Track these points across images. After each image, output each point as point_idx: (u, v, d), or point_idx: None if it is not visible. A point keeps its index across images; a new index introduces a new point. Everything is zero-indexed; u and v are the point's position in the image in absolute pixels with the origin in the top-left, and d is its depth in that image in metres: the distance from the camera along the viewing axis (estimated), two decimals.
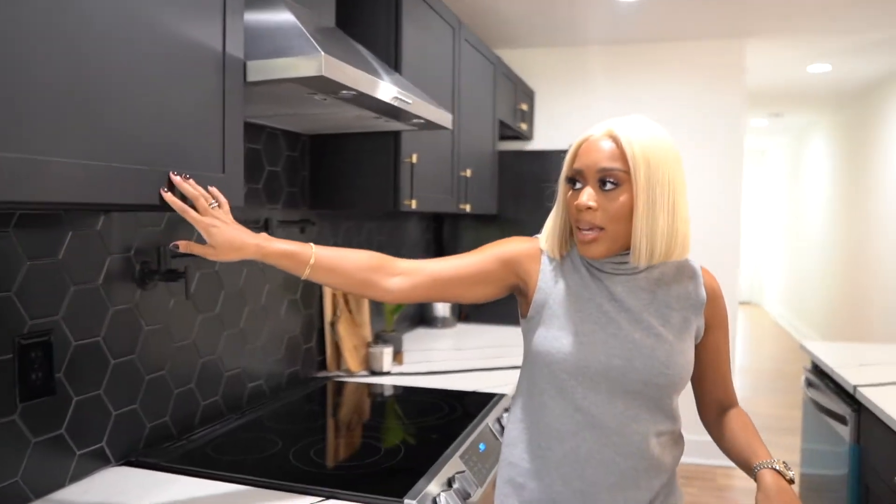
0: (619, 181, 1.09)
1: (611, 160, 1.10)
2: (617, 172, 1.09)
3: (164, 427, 1.55)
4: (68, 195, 0.87)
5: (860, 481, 2.04)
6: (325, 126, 1.92)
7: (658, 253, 1.11)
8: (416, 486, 1.27)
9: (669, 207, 1.10)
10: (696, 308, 1.20)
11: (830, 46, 3.97)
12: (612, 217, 1.10)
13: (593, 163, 1.11)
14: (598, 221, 1.11)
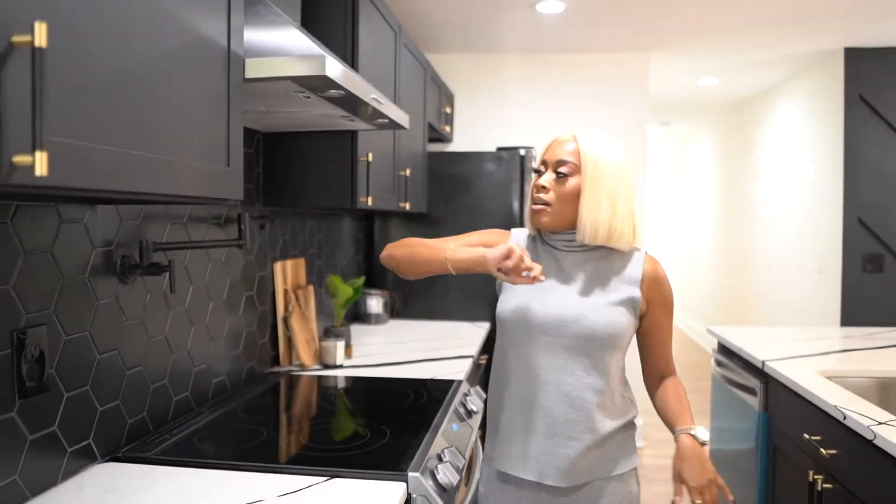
0: (570, 172, 1.40)
1: (568, 155, 1.41)
2: (570, 164, 1.40)
3: (143, 423, 1.54)
4: (126, 184, 0.90)
5: (769, 443, 2.32)
6: (287, 124, 1.96)
7: (600, 235, 1.39)
8: (415, 461, 1.36)
9: (611, 201, 1.39)
10: (632, 283, 1.43)
11: (718, 63, 4.38)
12: (560, 197, 1.41)
13: (554, 155, 1.42)
14: (548, 199, 1.41)
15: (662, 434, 4.48)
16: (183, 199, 1.12)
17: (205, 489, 1.25)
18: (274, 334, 2.28)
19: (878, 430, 1.59)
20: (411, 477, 1.30)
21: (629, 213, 1.42)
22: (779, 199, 5.18)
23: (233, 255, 1.99)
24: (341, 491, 1.24)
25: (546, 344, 1.40)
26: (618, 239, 1.40)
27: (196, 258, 1.78)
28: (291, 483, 1.28)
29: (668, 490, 3.56)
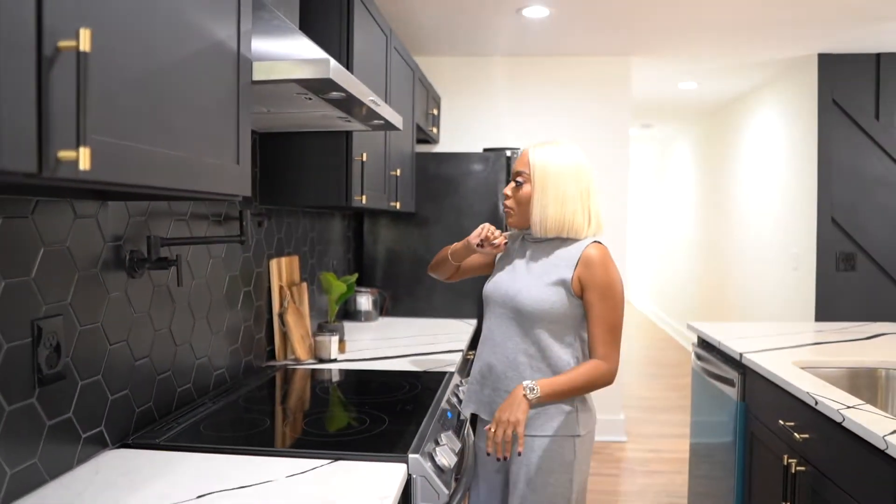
0: (524, 180, 1.71)
1: (522, 166, 1.72)
2: (524, 174, 1.71)
3: (149, 412, 1.60)
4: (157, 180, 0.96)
5: (746, 431, 2.42)
6: (285, 124, 2.02)
7: (550, 229, 1.68)
8: (414, 444, 1.43)
9: (559, 201, 1.66)
10: (569, 266, 1.66)
11: (699, 67, 4.51)
12: (518, 202, 1.73)
13: (515, 167, 1.74)
14: (510, 204, 1.74)
15: (646, 428, 4.59)
16: (199, 194, 1.18)
17: (218, 472, 1.31)
18: (270, 329, 2.34)
19: (847, 413, 1.69)
20: (411, 458, 1.37)
21: (582, 208, 1.69)
22: (756, 199, 5.32)
23: (232, 251, 2.05)
24: (345, 471, 1.31)
25: (499, 315, 1.72)
26: (569, 230, 1.68)
27: (198, 254, 1.84)
28: (297, 465, 1.34)
29: (652, 482, 3.66)
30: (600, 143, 4.29)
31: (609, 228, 4.29)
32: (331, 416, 1.70)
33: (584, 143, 4.29)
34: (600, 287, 1.63)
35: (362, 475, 1.30)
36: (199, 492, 1.22)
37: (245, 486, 1.24)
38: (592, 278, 1.63)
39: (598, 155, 4.29)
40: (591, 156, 4.30)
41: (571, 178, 1.67)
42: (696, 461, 3.02)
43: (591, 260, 1.64)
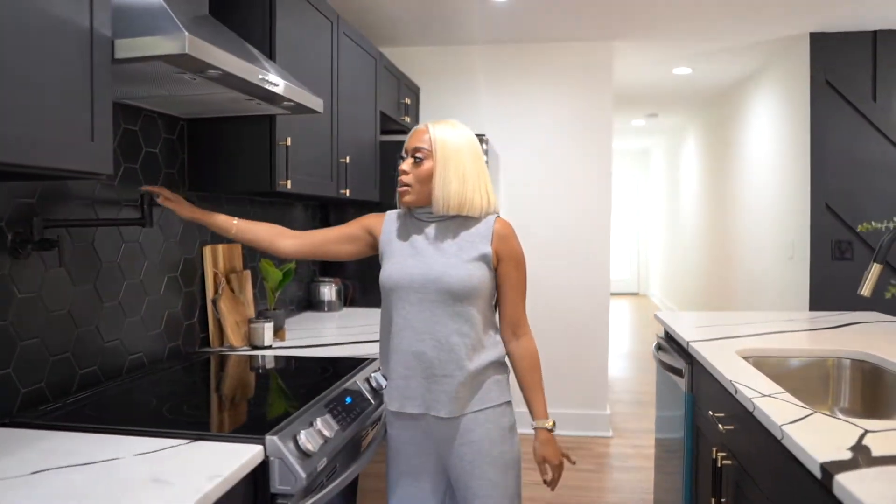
0: (424, 156, 1.67)
1: (422, 142, 1.68)
2: (424, 150, 1.67)
3: (40, 392, 1.61)
4: None
5: (693, 425, 2.34)
6: (203, 109, 2.02)
7: (452, 206, 1.67)
8: (279, 426, 1.41)
9: (459, 178, 1.66)
10: (484, 241, 1.69)
11: (689, 51, 4.38)
12: (417, 178, 1.68)
13: (412, 144, 1.69)
14: (408, 181, 1.69)
15: (634, 423, 4.49)
16: (41, 170, 1.18)
17: (70, 449, 1.30)
18: (204, 316, 2.34)
19: (760, 402, 1.60)
20: (269, 440, 1.35)
21: (480, 185, 1.70)
22: (754, 187, 5.16)
23: (152, 238, 2.05)
24: (198, 451, 1.30)
25: (418, 300, 1.66)
26: (469, 208, 1.68)
27: (106, 239, 1.85)
28: (153, 444, 1.33)
29: (627, 477, 3.58)
30: (582, 133, 4.21)
31: (591, 217, 4.22)
32: (217, 398, 1.69)
33: (566, 133, 4.21)
34: (515, 258, 1.72)
35: (213, 455, 1.28)
36: (37, 468, 1.21)
37: (86, 462, 1.23)
38: (508, 250, 1.71)
39: (580, 144, 4.21)
40: (572, 145, 4.23)
41: (470, 157, 1.69)
42: (660, 456, 2.94)
43: (506, 235, 1.71)
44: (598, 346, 4.28)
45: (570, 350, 4.29)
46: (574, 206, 4.24)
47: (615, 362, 6.50)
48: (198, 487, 1.12)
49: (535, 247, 4.27)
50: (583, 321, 4.27)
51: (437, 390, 1.65)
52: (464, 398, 1.66)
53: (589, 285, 4.26)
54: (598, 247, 4.25)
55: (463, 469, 1.68)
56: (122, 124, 1.91)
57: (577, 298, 4.27)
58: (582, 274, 4.26)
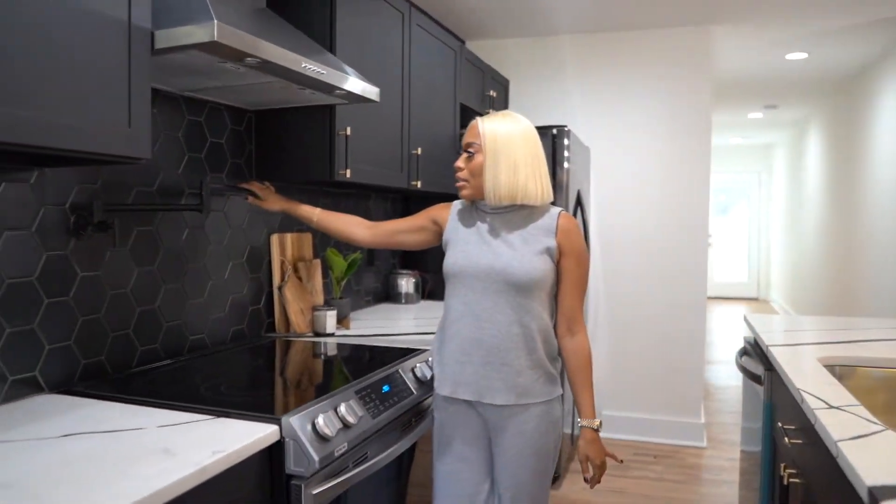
0: (476, 150, 1.72)
1: (473, 137, 1.73)
2: (475, 144, 1.72)
3: (100, 364, 1.73)
4: None
5: (771, 436, 2.14)
6: (264, 100, 2.09)
7: (504, 197, 1.69)
8: (299, 408, 1.42)
9: (511, 168, 1.68)
10: (548, 233, 1.71)
11: (803, 33, 4.03)
12: (471, 172, 1.73)
13: (465, 139, 1.75)
14: (464, 176, 1.75)
15: (734, 435, 4.20)
16: (84, 154, 1.26)
17: (104, 417, 1.39)
18: (270, 302, 2.42)
19: (823, 414, 1.44)
20: (285, 421, 1.36)
21: (534, 173, 1.71)
22: (887, 185, 4.66)
23: (216, 225, 2.15)
24: (215, 427, 1.34)
25: (481, 288, 1.70)
26: (523, 196, 1.69)
27: (169, 224, 1.95)
28: (178, 418, 1.39)
29: (714, 492, 3.35)
30: (678, 124, 3.98)
31: (686, 215, 3.98)
32: (257, 379, 1.73)
33: (659, 125, 4.00)
34: (577, 253, 1.73)
35: (227, 432, 1.31)
36: (68, 431, 1.30)
37: (113, 430, 1.31)
38: (571, 245, 1.72)
39: (674, 137, 3.98)
40: (667, 138, 4.01)
41: (522, 145, 1.70)
42: (747, 471, 2.72)
43: (568, 228, 1.72)
44: (693, 352, 4.03)
45: (663, 355, 4.08)
46: (668, 204, 4.02)
47: (721, 370, 6.12)
48: (198, 461, 1.15)
49: (624, 245, 4.10)
50: (677, 325, 4.04)
51: (493, 378, 1.68)
52: (519, 388, 1.68)
53: (684, 288, 4.02)
54: (694, 247, 4.00)
55: (509, 457, 1.71)
56: (186, 116, 2.01)
57: (672, 301, 4.04)
58: (677, 275, 4.03)
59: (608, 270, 4.13)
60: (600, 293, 4.14)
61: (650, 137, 4.04)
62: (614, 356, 4.15)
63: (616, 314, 4.15)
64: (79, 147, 1.24)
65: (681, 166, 4.00)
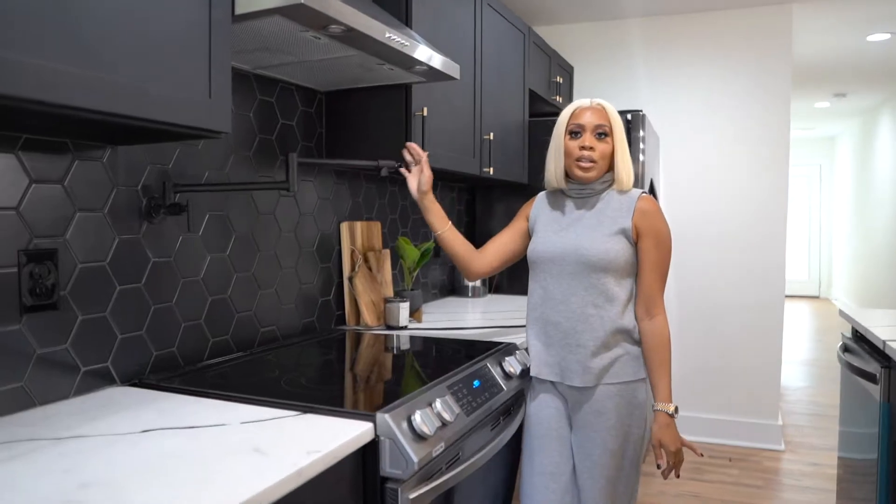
0: (607, 133, 1.72)
1: (602, 120, 1.72)
2: (605, 127, 1.72)
3: (171, 356, 1.63)
4: (51, 96, 0.94)
5: (890, 440, 1.94)
6: (337, 78, 1.97)
7: (629, 181, 1.75)
8: (393, 404, 1.29)
9: (627, 154, 1.75)
10: (626, 215, 1.71)
11: (890, 9, 3.76)
12: (601, 155, 1.72)
13: (591, 121, 1.71)
14: (595, 157, 1.72)
15: (812, 439, 3.95)
16: (156, 124, 1.16)
17: (184, 412, 1.28)
18: (340, 294, 2.31)
19: None
20: (379, 418, 1.23)
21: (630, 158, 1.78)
22: None
23: (287, 211, 2.04)
24: (303, 425, 1.21)
25: (557, 272, 1.73)
26: (628, 181, 1.75)
27: (240, 210, 1.85)
28: (262, 413, 1.27)
29: (800, 499, 3.13)
30: (754, 111, 3.75)
31: (764, 208, 3.75)
32: (338, 372, 1.61)
33: (734, 112, 3.78)
34: (656, 234, 1.70)
35: (317, 429, 1.19)
36: (147, 426, 1.19)
37: (193, 426, 1.19)
38: (650, 226, 1.70)
39: (750, 124, 3.76)
40: (742, 126, 3.78)
41: (624, 130, 1.76)
42: (844, 479, 2.51)
43: (647, 209, 1.71)
44: (770, 351, 3.80)
45: (739, 353, 3.85)
46: (745, 195, 3.80)
47: (789, 370, 5.83)
48: (295, 461, 1.03)
49: (697, 238, 3.89)
50: (753, 322, 3.82)
51: (571, 359, 1.70)
52: (597, 369, 1.69)
53: (761, 284, 3.80)
54: (772, 241, 3.77)
55: (588, 437, 1.71)
56: (258, 95, 1.90)
57: (747, 298, 3.82)
58: (753, 271, 3.81)
59: (678, 265, 3.93)
60: (670, 288, 3.93)
61: (724, 125, 3.82)
62: (685, 353, 3.95)
63: (687, 310, 3.94)
64: (162, 117, 1.14)
65: (757, 156, 3.77)
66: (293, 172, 1.58)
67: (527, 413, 1.85)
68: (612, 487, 1.73)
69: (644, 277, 1.72)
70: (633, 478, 1.77)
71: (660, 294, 1.72)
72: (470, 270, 1.90)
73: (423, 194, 1.85)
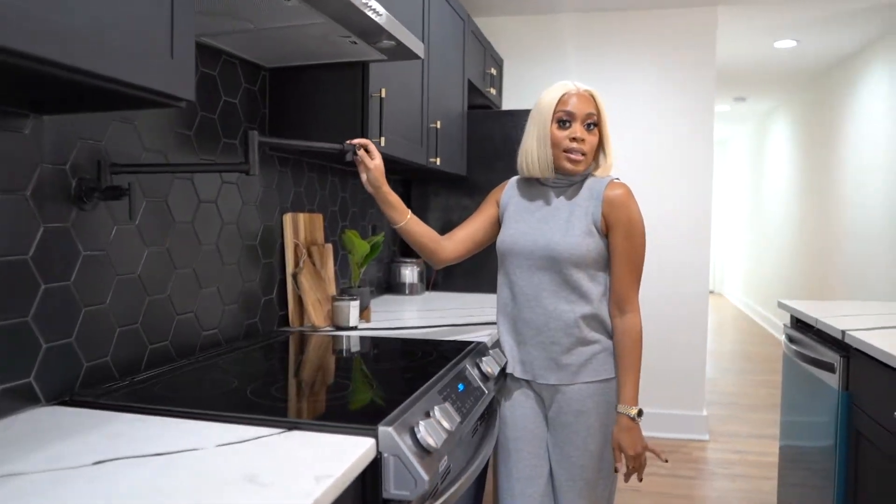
0: (595, 123, 1.62)
1: (591, 108, 1.61)
2: (594, 116, 1.62)
3: (104, 367, 1.38)
4: None
5: (850, 428, 1.97)
6: (290, 52, 1.77)
7: (608, 168, 1.68)
8: (392, 415, 1.13)
9: (610, 143, 1.67)
10: (595, 206, 1.61)
11: (798, 18, 3.95)
12: (591, 146, 1.63)
13: (581, 109, 1.60)
14: (585, 149, 1.61)
15: (731, 427, 4.09)
16: (109, 82, 0.93)
17: (140, 435, 1.06)
18: (283, 292, 2.10)
19: None
20: (382, 432, 1.07)
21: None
22: (872, 174, 4.66)
23: (229, 198, 1.81)
24: (295, 443, 1.03)
25: (527, 266, 1.65)
26: (609, 169, 1.68)
27: (180, 197, 1.62)
28: (239, 433, 1.07)
29: (735, 487, 3.20)
30: (680, 110, 3.83)
31: (690, 206, 3.84)
32: (308, 380, 1.43)
33: (662, 111, 3.84)
34: (625, 225, 1.61)
35: (313, 449, 1.01)
36: (101, 456, 0.97)
37: (159, 453, 0.98)
38: (618, 217, 1.61)
39: (678, 123, 3.83)
40: (669, 124, 3.85)
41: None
42: (787, 466, 2.56)
43: (615, 198, 1.61)
44: (695, 344, 3.89)
45: (666, 347, 3.92)
46: (672, 194, 3.87)
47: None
48: (306, 491, 0.85)
49: None
50: (680, 316, 3.90)
51: (545, 357, 1.64)
52: (573, 366, 1.63)
53: (686, 279, 3.88)
54: (697, 236, 3.86)
55: (566, 438, 1.64)
56: (199, 67, 1.67)
57: (673, 293, 3.89)
58: (679, 266, 3.88)
59: None
60: None
61: (649, 122, 3.87)
62: None
63: None
64: (122, 75, 0.92)
65: (682, 153, 3.85)
66: (254, 152, 1.37)
67: (500, 414, 1.76)
68: (591, 490, 1.65)
69: (614, 271, 1.63)
70: (611, 479, 1.69)
71: (632, 289, 1.63)
72: (438, 259, 1.77)
73: (376, 188, 1.67)
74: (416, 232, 1.72)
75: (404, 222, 1.71)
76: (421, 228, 1.73)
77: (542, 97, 1.64)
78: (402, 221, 1.70)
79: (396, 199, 1.70)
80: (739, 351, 6.51)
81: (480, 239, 1.79)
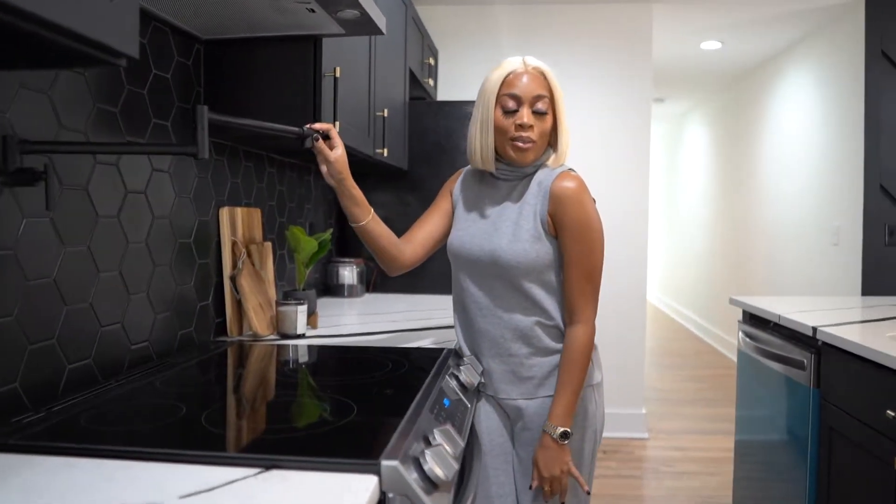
0: (546, 108, 1.43)
1: (542, 90, 1.43)
2: (545, 99, 1.43)
3: (13, 395, 1.11)
4: None
5: (821, 424, 1.93)
6: (233, 21, 1.53)
7: (563, 157, 1.49)
8: (392, 444, 0.94)
9: (565, 128, 1.48)
10: (541, 204, 1.44)
11: (723, 21, 4.01)
12: (541, 133, 1.44)
13: (529, 91, 1.42)
14: (534, 136, 1.42)
15: (668, 424, 4.11)
16: (35, 23, 0.69)
17: (73, 485, 0.82)
18: (220, 297, 1.85)
19: None
20: (386, 467, 0.88)
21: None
22: (789, 171, 4.82)
23: (160, 188, 1.55)
24: (276, 488, 0.82)
25: (479, 274, 1.50)
26: (564, 158, 1.49)
27: (105, 184, 1.35)
28: (206, 478, 0.85)
29: (682, 485, 3.18)
30: (617, 106, 3.80)
31: (627, 203, 3.81)
32: (276, 404, 1.21)
33: (599, 106, 3.80)
34: (575, 224, 1.42)
35: (305, 494, 0.81)
36: None
37: None
38: (565, 216, 1.42)
39: (614, 119, 3.80)
40: (609, 117, 3.82)
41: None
42: (743, 462, 2.54)
43: (562, 194, 1.42)
44: (634, 341, 3.88)
45: (605, 344, 3.88)
46: (609, 191, 3.83)
47: None
48: None
49: None
50: (619, 313, 3.87)
51: (504, 370, 1.50)
52: (534, 381, 1.49)
53: (625, 278, 3.85)
54: (634, 236, 3.84)
55: (531, 455, 1.49)
56: None
57: (615, 291, 3.86)
58: (617, 266, 3.85)
59: None
60: None
61: (586, 118, 3.82)
62: None
63: None
64: (38, 11, 0.68)
65: (621, 149, 3.83)
66: (203, 132, 1.14)
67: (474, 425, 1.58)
68: None
69: (565, 277, 1.45)
70: (583, 499, 1.54)
71: (583, 298, 1.44)
72: (398, 264, 1.58)
73: (339, 180, 1.46)
74: (377, 233, 1.52)
75: (366, 221, 1.50)
76: (382, 229, 1.54)
77: (488, 77, 1.47)
78: (365, 220, 1.50)
79: (360, 195, 1.50)
80: (663, 347, 6.64)
81: (440, 237, 1.62)
